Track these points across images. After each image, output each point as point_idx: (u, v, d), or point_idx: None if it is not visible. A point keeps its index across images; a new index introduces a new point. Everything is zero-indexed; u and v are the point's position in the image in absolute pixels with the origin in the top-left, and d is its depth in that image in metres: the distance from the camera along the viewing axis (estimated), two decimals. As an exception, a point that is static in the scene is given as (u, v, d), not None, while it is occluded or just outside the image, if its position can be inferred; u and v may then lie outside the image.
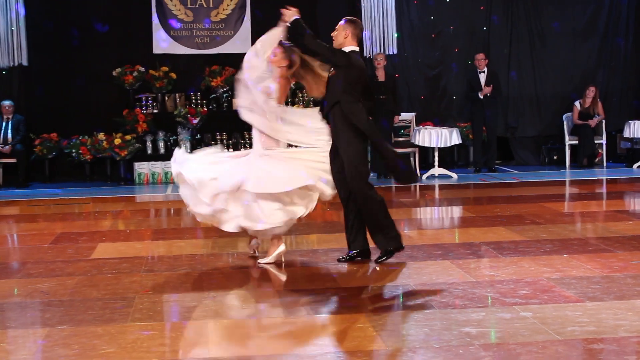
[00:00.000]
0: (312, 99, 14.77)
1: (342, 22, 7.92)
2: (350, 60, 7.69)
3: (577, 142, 16.43)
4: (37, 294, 7.03)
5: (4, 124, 15.45)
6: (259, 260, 7.97)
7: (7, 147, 15.29)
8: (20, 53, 15.70)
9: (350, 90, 7.67)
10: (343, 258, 7.97)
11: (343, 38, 7.82)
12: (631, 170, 15.88)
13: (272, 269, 7.78)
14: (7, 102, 15.47)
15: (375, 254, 7.92)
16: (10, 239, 10.34)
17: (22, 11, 15.67)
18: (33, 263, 8.31)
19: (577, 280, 6.96)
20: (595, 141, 16.39)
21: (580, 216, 10.87)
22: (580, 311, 6.02)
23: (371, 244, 7.92)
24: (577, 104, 16.42)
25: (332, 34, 7.93)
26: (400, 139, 15.85)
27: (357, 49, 7.85)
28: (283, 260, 7.99)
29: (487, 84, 15.81)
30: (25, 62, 15.76)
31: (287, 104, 8.58)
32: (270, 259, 7.91)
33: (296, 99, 15.83)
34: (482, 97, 15.76)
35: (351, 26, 7.82)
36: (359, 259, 7.94)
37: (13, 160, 15.40)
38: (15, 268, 8.26)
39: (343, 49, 7.76)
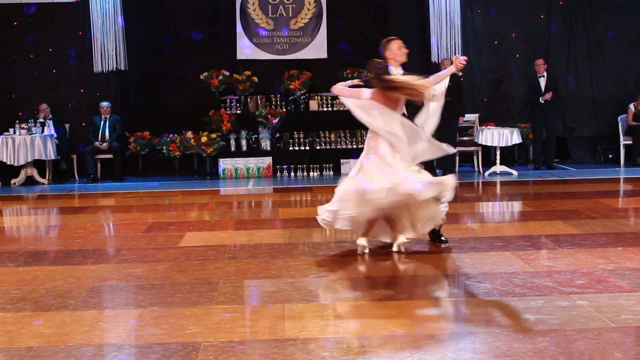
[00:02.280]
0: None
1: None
2: None
3: (631, 142, 16.18)
4: (130, 277, 7.12)
5: (102, 123, 15.70)
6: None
7: (105, 144, 15.52)
8: (118, 59, 15.92)
9: None
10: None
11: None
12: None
13: (345, 258, 7.77)
14: (105, 103, 15.73)
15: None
16: (107, 228, 10.49)
17: (121, 22, 15.90)
18: (127, 250, 8.42)
19: (631, 272, 6.83)
20: (649, 141, 16.13)
21: (634, 211, 10.66)
22: (634, 300, 5.92)
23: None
24: (631, 106, 16.16)
25: (405, 50, 7.97)
26: (465, 139, 15.75)
27: None
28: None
29: (546, 88, 15.66)
30: (122, 67, 15.98)
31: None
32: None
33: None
34: (542, 102, 15.60)
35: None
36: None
37: (110, 156, 15.64)
38: (111, 254, 8.36)
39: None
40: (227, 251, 8.23)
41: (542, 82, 15.75)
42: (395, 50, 7.92)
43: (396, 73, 7.80)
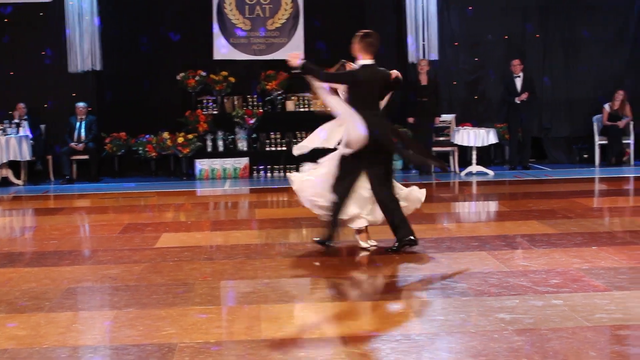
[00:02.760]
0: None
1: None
2: (354, 77, 7.82)
3: (606, 142, 16.29)
4: (106, 279, 7.09)
5: (78, 123, 15.63)
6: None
7: (80, 144, 15.46)
8: (94, 59, 15.87)
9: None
10: (391, 248, 7.94)
11: (356, 52, 7.93)
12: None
13: (322, 258, 7.78)
14: (81, 104, 15.66)
15: (422, 244, 7.94)
16: (83, 229, 10.44)
17: (97, 22, 15.84)
18: (103, 251, 8.38)
19: (605, 271, 6.87)
20: (623, 141, 16.21)
21: (608, 211, 10.73)
22: (608, 299, 5.95)
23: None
24: (606, 106, 16.27)
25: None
26: (441, 139, 15.80)
27: (368, 62, 7.87)
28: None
29: (522, 88, 15.73)
30: (98, 68, 15.93)
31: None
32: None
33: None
34: (518, 102, 15.67)
35: (359, 40, 7.88)
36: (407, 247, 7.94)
37: (86, 156, 15.57)
38: (86, 255, 8.33)
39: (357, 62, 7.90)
40: (203, 252, 8.21)
41: (518, 82, 15.81)
42: None
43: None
